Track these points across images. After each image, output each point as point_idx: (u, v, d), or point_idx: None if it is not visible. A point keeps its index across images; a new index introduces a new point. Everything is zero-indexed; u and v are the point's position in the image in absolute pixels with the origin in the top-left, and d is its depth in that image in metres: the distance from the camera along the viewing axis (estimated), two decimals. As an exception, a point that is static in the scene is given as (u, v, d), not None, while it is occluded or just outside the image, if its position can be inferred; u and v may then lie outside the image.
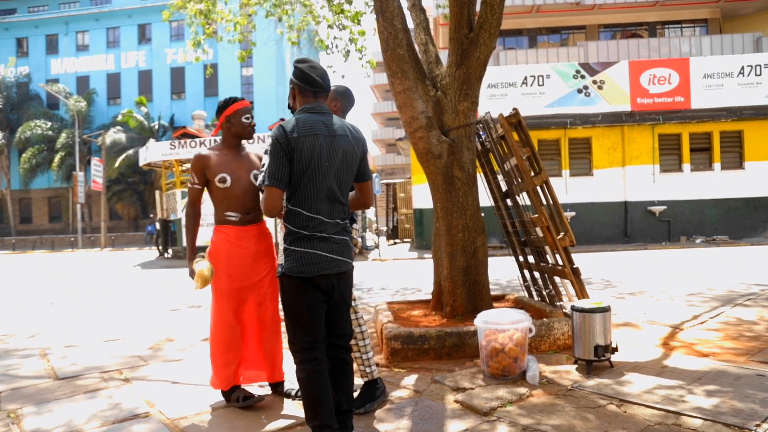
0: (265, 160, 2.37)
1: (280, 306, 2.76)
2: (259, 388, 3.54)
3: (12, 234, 38.81)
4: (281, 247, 2.49)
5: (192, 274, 3.15)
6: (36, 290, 10.49)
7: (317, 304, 2.45)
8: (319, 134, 2.40)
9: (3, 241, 35.15)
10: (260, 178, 2.39)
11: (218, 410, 3.20)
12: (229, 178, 3.18)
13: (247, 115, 3.24)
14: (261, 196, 2.44)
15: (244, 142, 3.38)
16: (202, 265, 3.06)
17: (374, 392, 3.19)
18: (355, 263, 3.25)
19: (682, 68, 17.75)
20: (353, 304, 3.21)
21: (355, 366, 3.22)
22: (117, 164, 33.79)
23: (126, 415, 3.16)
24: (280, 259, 2.48)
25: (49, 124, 37.78)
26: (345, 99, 3.28)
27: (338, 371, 2.57)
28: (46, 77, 41.27)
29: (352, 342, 3.19)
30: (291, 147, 2.35)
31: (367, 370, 3.21)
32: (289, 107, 2.67)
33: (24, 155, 37.00)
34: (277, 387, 3.41)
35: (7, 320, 6.78)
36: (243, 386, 3.36)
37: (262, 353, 3.31)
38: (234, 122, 3.23)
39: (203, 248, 3.37)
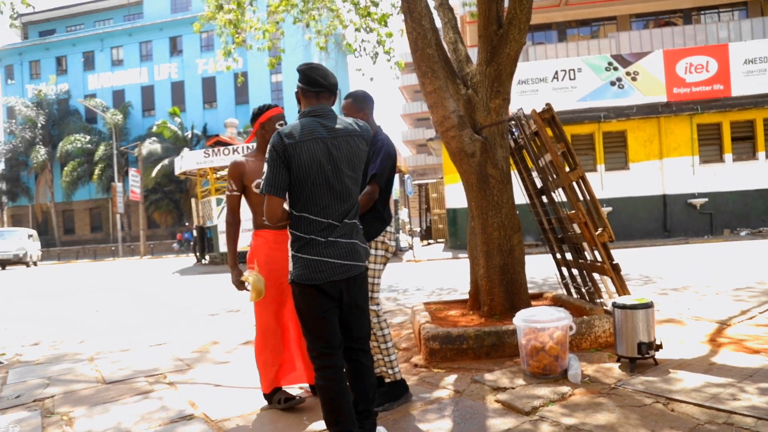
0: (265, 168, 2.37)
1: None
2: (298, 390, 3.58)
3: (57, 245, 40.16)
4: (289, 254, 2.45)
5: (237, 282, 3.19)
6: (81, 298, 10.81)
7: (329, 310, 2.41)
8: (317, 138, 2.35)
9: (49, 252, 36.36)
10: (261, 185, 2.38)
11: (261, 412, 3.25)
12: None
13: (281, 122, 3.28)
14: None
15: None
16: (255, 278, 3.07)
17: (396, 392, 3.19)
18: (390, 265, 3.25)
19: (720, 55, 17.24)
20: (376, 308, 3.21)
21: (379, 368, 3.25)
22: (153, 174, 34.64)
23: (172, 417, 3.23)
24: (289, 266, 2.45)
25: (88, 137, 39.02)
26: (367, 104, 3.27)
27: (355, 373, 2.54)
28: (84, 93, 42.63)
29: (374, 344, 3.21)
30: (288, 153, 2.31)
31: (390, 371, 3.21)
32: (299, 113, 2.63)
33: (66, 168, 38.28)
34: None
35: (56, 327, 7.01)
36: (284, 388, 3.40)
37: (302, 355, 3.35)
38: (268, 129, 3.25)
39: (240, 254, 3.42)
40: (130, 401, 3.61)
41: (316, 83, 2.46)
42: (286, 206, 2.42)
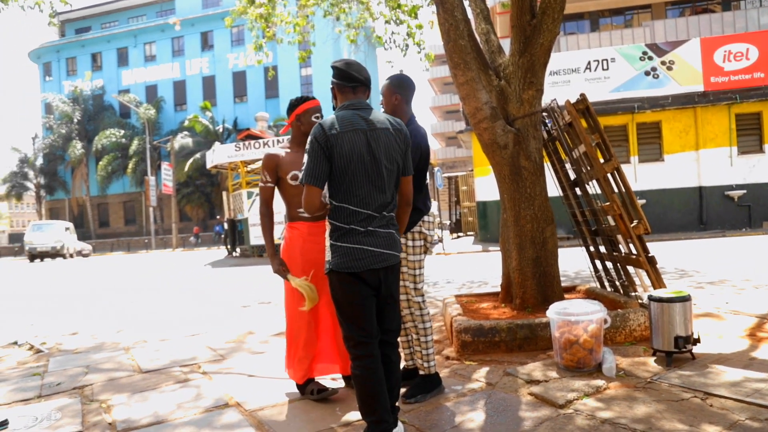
0: (305, 158, 2.40)
1: None
2: (332, 381, 3.61)
3: (92, 237, 41.27)
4: (328, 243, 2.48)
5: (279, 270, 3.22)
6: (117, 290, 11.09)
7: (368, 298, 2.45)
8: (358, 129, 2.39)
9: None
10: (300, 176, 2.42)
11: (294, 402, 3.29)
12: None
13: (317, 114, 3.28)
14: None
15: None
16: (308, 288, 3.12)
17: (429, 385, 3.20)
18: (419, 258, 3.24)
19: (761, 42, 16.67)
20: (420, 299, 3.22)
21: (415, 360, 3.30)
22: (185, 168, 35.22)
23: (208, 406, 3.30)
24: (327, 255, 2.47)
25: (122, 132, 39.91)
26: (403, 89, 3.27)
27: (394, 366, 2.56)
28: (118, 88, 43.60)
29: (414, 336, 3.24)
30: (330, 144, 2.35)
31: (425, 365, 3.22)
32: (333, 109, 2.65)
33: (101, 163, 39.25)
34: (350, 379, 3.46)
35: (94, 318, 7.21)
36: (317, 379, 3.44)
37: (336, 346, 3.36)
38: (304, 121, 3.27)
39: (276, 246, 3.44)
40: (167, 390, 3.69)
41: (352, 78, 2.51)
42: (324, 197, 2.45)
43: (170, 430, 2.95)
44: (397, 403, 2.56)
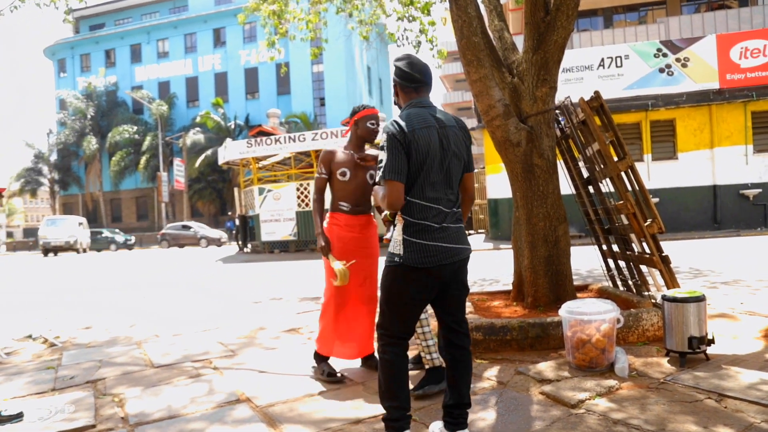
0: (382, 155, 2.42)
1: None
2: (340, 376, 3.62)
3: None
4: (399, 238, 2.44)
5: (323, 248, 3.58)
6: (130, 284, 11.18)
7: (425, 297, 2.48)
8: (431, 126, 2.43)
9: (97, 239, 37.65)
10: (378, 174, 2.43)
11: (305, 398, 3.30)
12: (348, 173, 3.58)
13: (372, 121, 3.62)
14: (379, 190, 2.47)
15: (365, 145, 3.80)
16: (341, 269, 3.45)
17: (435, 377, 3.23)
18: None
19: (778, 39, 16.43)
20: None
21: (418, 352, 3.40)
22: (197, 164, 35.41)
23: (219, 401, 3.31)
24: (396, 249, 2.44)
25: (135, 128, 40.18)
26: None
27: (459, 360, 2.54)
28: (131, 84, 43.93)
29: (419, 331, 3.32)
30: (408, 140, 2.37)
31: (428, 357, 3.27)
32: (395, 104, 2.72)
33: (114, 158, 39.56)
34: (368, 360, 3.77)
35: (107, 312, 7.27)
36: (331, 361, 3.74)
37: (358, 329, 3.66)
38: (360, 125, 3.63)
39: (281, 243, 3.63)
40: (179, 385, 3.72)
41: (414, 79, 2.53)
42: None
43: (182, 425, 2.97)
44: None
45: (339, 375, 3.59)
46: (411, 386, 2.96)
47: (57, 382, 3.94)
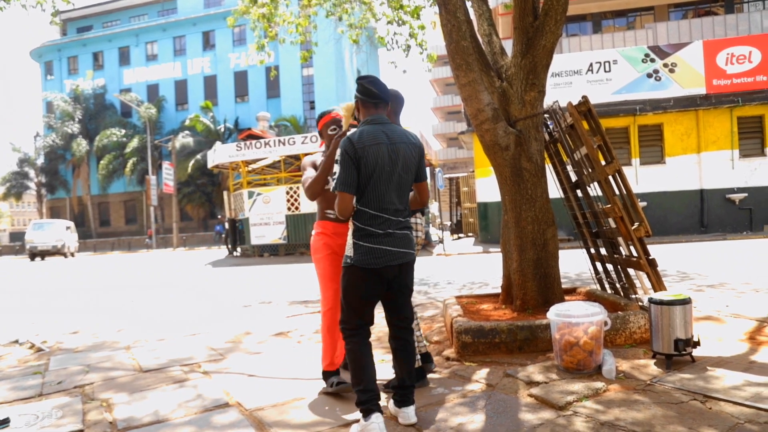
0: (336, 168, 2.70)
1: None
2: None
3: (93, 236, 41.29)
4: (350, 241, 2.78)
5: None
6: (118, 289, 11.10)
7: (377, 293, 2.81)
8: (381, 143, 2.70)
9: (85, 243, 37.39)
10: (332, 184, 2.76)
11: (293, 402, 3.29)
12: (330, 181, 3.45)
13: (333, 126, 3.57)
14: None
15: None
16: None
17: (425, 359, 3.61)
18: (420, 258, 3.30)
19: (764, 45, 16.65)
20: None
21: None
22: (189, 169, 35.19)
23: (208, 405, 3.30)
24: (349, 251, 2.78)
25: (123, 131, 39.88)
26: (394, 101, 3.50)
27: (402, 350, 2.88)
28: (120, 87, 43.62)
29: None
30: (358, 156, 2.66)
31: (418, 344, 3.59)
32: (354, 119, 3.05)
33: (102, 162, 39.23)
34: None
35: (95, 316, 7.22)
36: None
37: None
38: (323, 133, 3.63)
39: (270, 246, 3.61)
40: (167, 389, 3.70)
41: (374, 96, 2.82)
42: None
43: (171, 429, 2.96)
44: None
45: (347, 384, 3.33)
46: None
47: (44, 387, 3.91)
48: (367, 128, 2.75)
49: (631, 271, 4.63)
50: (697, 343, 3.46)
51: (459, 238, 22.90)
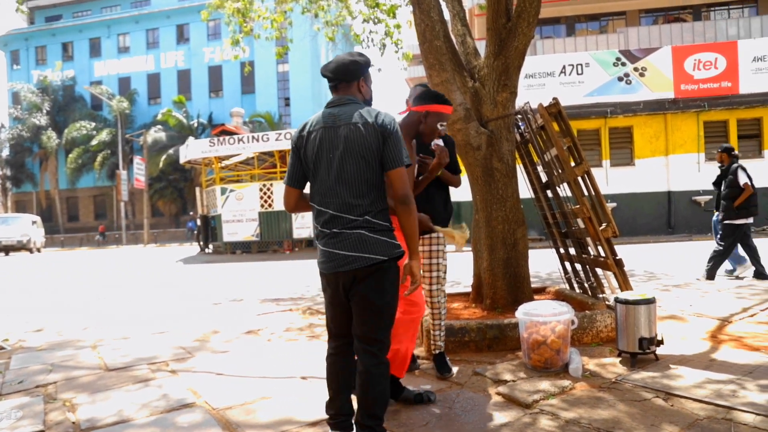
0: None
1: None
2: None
3: (60, 231, 40.36)
4: None
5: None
6: (85, 286, 10.87)
7: (335, 301, 2.40)
8: (321, 128, 2.34)
9: (52, 239, 36.54)
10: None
11: (261, 401, 3.26)
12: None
13: (443, 123, 3.20)
14: None
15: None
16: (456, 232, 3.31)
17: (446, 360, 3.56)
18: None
19: (729, 52, 17.12)
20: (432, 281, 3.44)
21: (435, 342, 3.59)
22: (161, 164, 34.62)
23: (173, 404, 3.25)
24: None
25: (93, 124, 39.04)
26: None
27: (360, 376, 2.35)
28: (90, 80, 42.66)
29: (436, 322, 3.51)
30: (298, 145, 2.41)
31: (440, 344, 3.58)
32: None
33: (70, 156, 38.34)
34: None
35: (60, 314, 7.05)
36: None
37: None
38: (428, 121, 3.17)
39: (243, 244, 3.48)
40: (133, 388, 3.63)
41: (327, 78, 2.46)
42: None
43: (136, 429, 2.91)
44: (360, 419, 2.35)
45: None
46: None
47: (3, 387, 3.80)
48: (318, 114, 2.43)
49: (599, 270, 4.71)
50: (660, 342, 3.54)
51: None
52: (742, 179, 7.23)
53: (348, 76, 2.41)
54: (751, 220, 7.27)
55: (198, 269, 14.02)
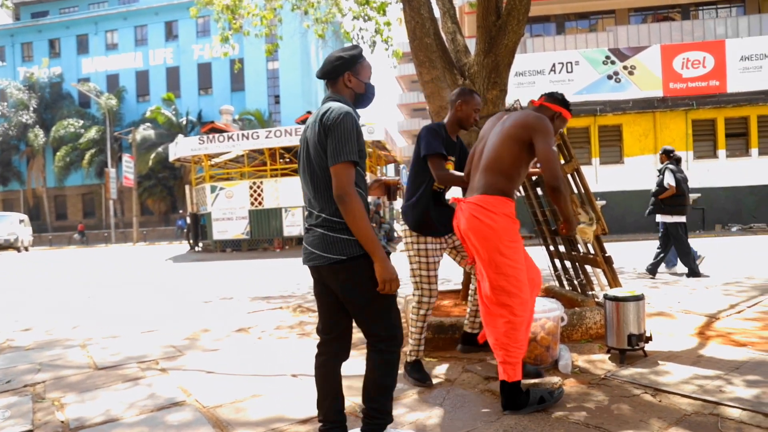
0: None
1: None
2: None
3: (48, 230, 39.96)
4: None
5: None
6: (74, 284, 10.79)
7: (316, 290, 2.44)
8: (306, 127, 2.40)
9: (40, 237, 36.19)
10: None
11: (252, 399, 3.26)
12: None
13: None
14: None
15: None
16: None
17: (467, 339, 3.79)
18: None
19: (717, 51, 17.27)
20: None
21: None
22: (150, 162, 34.36)
23: (163, 403, 3.24)
24: None
25: (81, 122, 38.67)
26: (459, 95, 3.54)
27: (366, 365, 2.39)
28: (78, 77, 42.22)
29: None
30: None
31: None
32: None
33: (58, 153, 37.96)
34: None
35: (48, 313, 6.99)
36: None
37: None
38: (557, 125, 3.16)
39: (233, 242, 3.45)
40: (124, 387, 3.61)
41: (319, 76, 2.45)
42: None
43: (126, 428, 2.89)
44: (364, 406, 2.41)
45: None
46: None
47: (-9, 385, 3.76)
48: None
49: (588, 268, 4.73)
50: (649, 338, 3.57)
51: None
52: (667, 179, 7.54)
53: (330, 74, 2.40)
54: (683, 218, 7.58)
55: (188, 268, 13.95)
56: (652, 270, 7.72)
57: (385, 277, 2.19)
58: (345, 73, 2.39)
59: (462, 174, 3.38)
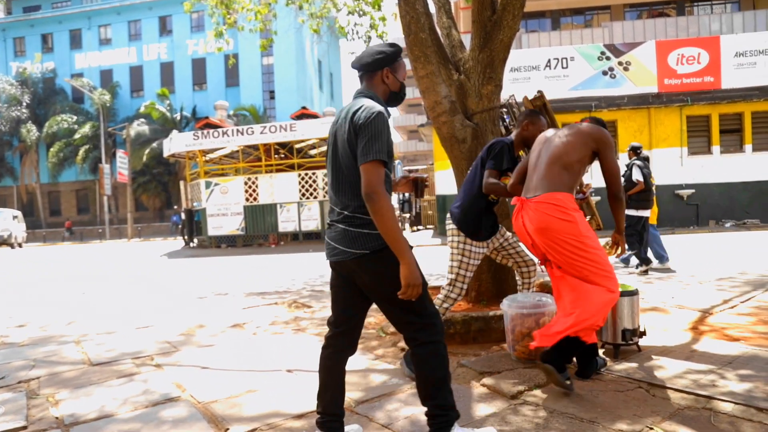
0: None
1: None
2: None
3: (42, 226, 39.79)
4: None
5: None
6: (69, 280, 10.75)
7: (337, 288, 2.44)
8: (335, 121, 2.40)
9: (34, 234, 36.04)
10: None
11: (247, 394, 3.26)
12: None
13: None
14: None
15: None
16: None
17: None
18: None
19: (712, 47, 17.30)
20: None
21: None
22: (144, 158, 34.22)
23: (158, 399, 3.23)
24: None
25: (75, 118, 38.45)
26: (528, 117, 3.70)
27: (411, 360, 2.43)
28: (71, 72, 41.97)
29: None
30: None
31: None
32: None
33: (52, 149, 37.76)
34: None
35: (43, 309, 6.97)
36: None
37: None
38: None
39: (228, 237, 3.43)
40: (117, 383, 3.60)
41: (355, 68, 2.46)
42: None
43: (120, 424, 2.89)
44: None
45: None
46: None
47: (-16, 382, 3.75)
48: None
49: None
50: (643, 333, 3.59)
51: (418, 230, 23.05)
52: (635, 175, 7.77)
53: (369, 67, 2.39)
54: (648, 213, 7.85)
55: (183, 263, 13.92)
56: (626, 260, 8.36)
57: (410, 281, 2.15)
58: (384, 68, 2.39)
59: (506, 185, 3.54)
